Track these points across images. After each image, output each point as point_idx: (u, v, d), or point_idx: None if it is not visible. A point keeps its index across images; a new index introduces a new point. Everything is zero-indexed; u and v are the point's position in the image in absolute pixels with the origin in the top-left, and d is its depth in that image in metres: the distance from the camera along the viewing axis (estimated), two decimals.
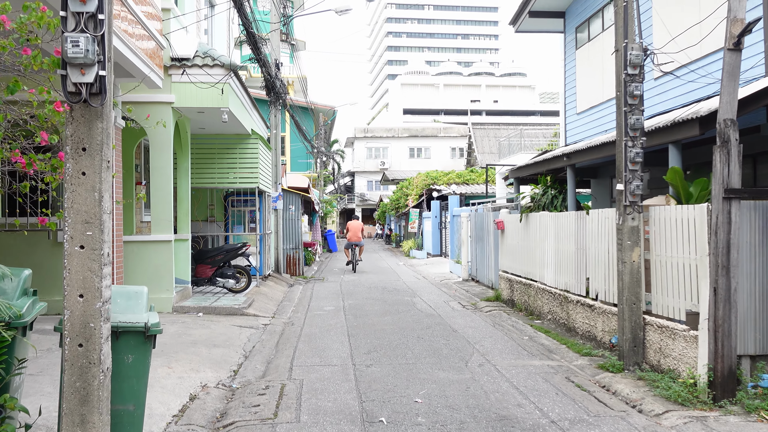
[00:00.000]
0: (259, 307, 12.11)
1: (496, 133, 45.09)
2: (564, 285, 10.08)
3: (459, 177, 32.45)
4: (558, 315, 10.30)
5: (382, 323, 10.91)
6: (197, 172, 14.56)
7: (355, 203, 63.76)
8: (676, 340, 6.80)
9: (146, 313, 4.11)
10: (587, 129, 13.43)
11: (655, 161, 9.15)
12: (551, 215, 10.76)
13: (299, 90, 41.96)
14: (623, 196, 7.44)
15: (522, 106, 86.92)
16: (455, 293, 15.49)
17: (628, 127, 7.36)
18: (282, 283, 17.06)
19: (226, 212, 16.73)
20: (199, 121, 12.75)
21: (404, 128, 62.91)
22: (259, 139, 14.87)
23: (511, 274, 13.05)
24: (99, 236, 3.47)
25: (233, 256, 13.22)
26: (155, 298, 10.86)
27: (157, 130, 11.05)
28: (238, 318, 10.83)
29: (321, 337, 9.65)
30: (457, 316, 11.81)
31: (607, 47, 12.56)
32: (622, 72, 7.44)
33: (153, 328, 4.00)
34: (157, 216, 11.10)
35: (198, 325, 9.64)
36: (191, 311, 11.02)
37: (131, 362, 3.91)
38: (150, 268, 10.95)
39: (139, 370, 3.97)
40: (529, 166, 13.17)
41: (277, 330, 10.30)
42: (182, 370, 7.02)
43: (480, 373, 7.38)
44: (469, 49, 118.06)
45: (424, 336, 9.68)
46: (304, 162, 39.18)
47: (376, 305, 13.25)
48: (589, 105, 13.40)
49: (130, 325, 3.94)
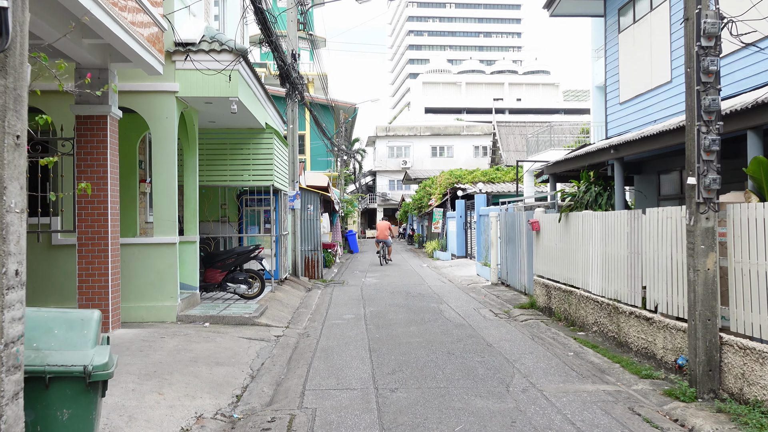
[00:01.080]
0: (272, 315, 11.08)
1: (521, 130, 43.74)
2: (613, 293, 8.89)
3: (484, 175, 31.18)
4: (606, 327, 9.12)
5: (407, 335, 9.81)
6: (207, 169, 13.58)
7: (377, 203, 62.72)
8: (766, 366, 5.61)
9: (93, 349, 3.05)
10: (633, 120, 12.20)
11: (723, 152, 7.94)
12: (596, 215, 9.58)
13: (319, 88, 41.10)
14: (695, 192, 6.26)
15: (546, 105, 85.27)
16: (485, 299, 14.34)
17: (702, 110, 6.18)
18: (299, 288, 16.04)
19: (239, 212, 15.74)
20: (208, 113, 11.76)
21: (426, 126, 61.73)
22: (274, 134, 13.85)
23: (548, 279, 11.88)
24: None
25: (245, 259, 12.21)
26: (158, 306, 9.90)
27: (160, 121, 10.09)
28: (248, 329, 9.80)
29: (339, 353, 8.57)
30: (490, 326, 10.68)
31: (656, 29, 11.34)
32: (693, 44, 6.26)
33: (98, 372, 2.93)
34: (160, 216, 10.11)
35: (202, 338, 8.61)
36: (197, 320, 10.01)
37: (67, 420, 2.84)
38: (152, 274, 9.97)
39: (80, 430, 2.90)
40: (568, 161, 11.99)
41: (291, 343, 9.25)
42: (175, 396, 5.98)
43: (525, 401, 6.25)
44: (491, 48, 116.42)
45: (455, 351, 8.56)
46: (324, 160, 38.25)
47: (400, 313, 12.15)
48: (635, 93, 12.16)
49: (63, 370, 2.87)
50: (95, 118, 8.69)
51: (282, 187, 15.43)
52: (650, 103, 11.44)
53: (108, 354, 3.08)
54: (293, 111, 17.48)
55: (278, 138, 14.44)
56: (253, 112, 12.03)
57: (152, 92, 10.02)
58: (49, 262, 9.72)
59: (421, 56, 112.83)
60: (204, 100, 10.60)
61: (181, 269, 11.13)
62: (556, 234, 11.40)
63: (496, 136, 43.41)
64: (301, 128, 39.04)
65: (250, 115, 12.04)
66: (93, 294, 8.62)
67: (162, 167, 10.13)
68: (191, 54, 9.97)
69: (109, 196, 8.74)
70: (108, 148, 8.73)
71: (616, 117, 12.95)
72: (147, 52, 8.51)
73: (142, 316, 9.90)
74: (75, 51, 8.09)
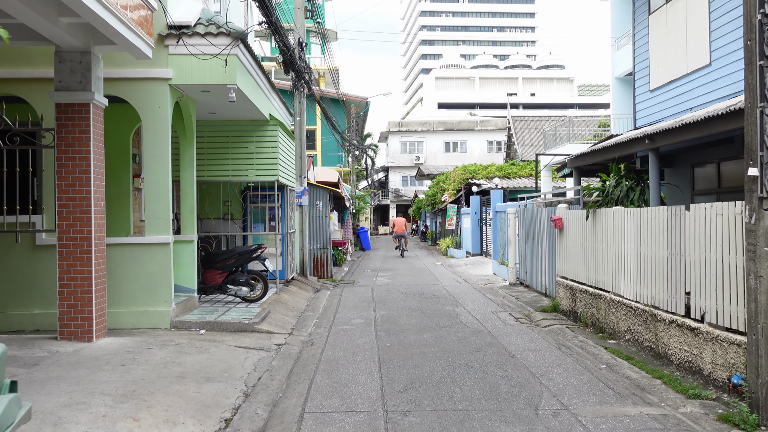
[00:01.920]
0: (274, 320, 10.27)
1: (537, 124, 42.80)
2: (650, 299, 7.99)
3: (499, 170, 30.20)
4: (641, 336, 8.22)
5: (420, 343, 8.97)
6: (208, 164, 12.79)
7: (390, 199, 61.87)
8: None
9: None
10: (665, 108, 11.25)
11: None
12: (630, 211, 8.68)
13: (330, 83, 40.31)
14: (758, 185, 5.36)
15: (560, 100, 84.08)
16: (503, 301, 13.46)
17: (766, 88, 5.28)
18: (306, 288, 15.24)
19: (243, 209, 14.95)
20: (206, 103, 10.96)
21: (439, 122, 60.77)
22: (279, 126, 13.03)
23: (573, 281, 10.99)
24: None
25: (247, 259, 11.41)
26: (150, 312, 9.14)
27: (152, 111, 9.31)
28: (247, 336, 8.99)
29: (345, 365, 7.74)
30: (511, 333, 9.81)
31: (693, 7, 10.39)
32: (756, 12, 5.36)
33: None
34: (152, 214, 9.33)
35: (194, 349, 7.81)
36: (193, 327, 9.23)
37: None
38: (143, 277, 9.21)
39: None
40: (594, 153, 11.07)
41: (293, 353, 8.43)
42: (153, 422, 5.18)
43: (558, 428, 5.39)
44: (505, 42, 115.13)
45: (474, 364, 7.70)
46: (335, 156, 37.46)
47: (413, 317, 11.31)
48: (667, 79, 11.21)
49: None
50: (77, 106, 7.90)
51: (288, 182, 14.62)
52: (685, 89, 10.49)
53: (5, 402, 2.27)
54: (300, 103, 16.65)
55: (284, 130, 13.62)
56: (255, 102, 11.22)
57: (143, 79, 9.23)
58: (33, 264, 8.98)
59: (434, 51, 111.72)
60: (200, 87, 9.78)
61: (178, 270, 10.37)
62: (582, 232, 10.52)
63: (511, 131, 42.49)
64: (312, 123, 38.29)
65: (251, 105, 11.24)
66: (75, 299, 7.85)
67: (154, 161, 9.35)
68: (185, 38, 9.16)
69: (93, 191, 7.95)
70: (91, 139, 7.94)
71: (646, 106, 12.00)
72: (134, 34, 7.72)
73: (132, 322, 9.14)
74: (53, 32, 7.30)
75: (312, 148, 38.60)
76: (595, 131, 29.05)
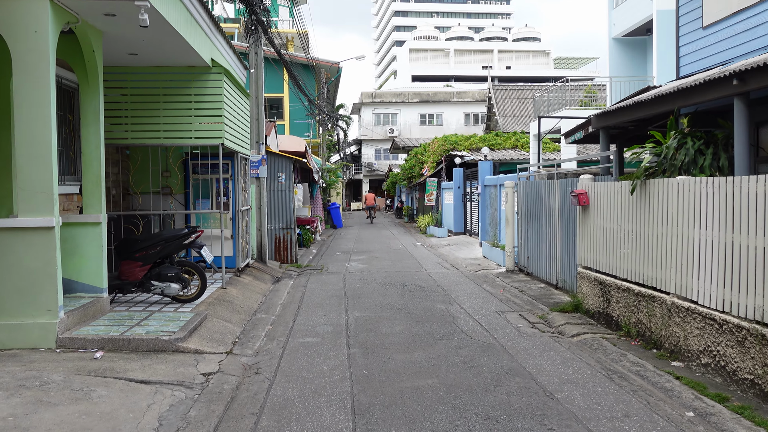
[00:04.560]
0: (210, 330, 7.54)
1: (519, 94, 40.30)
2: (753, 312, 5.44)
3: (483, 141, 27.52)
4: (733, 363, 5.68)
5: (411, 370, 6.33)
6: (133, 123, 9.89)
7: (363, 173, 59.09)
8: None
9: None
10: (727, 48, 8.64)
11: None
12: (713, 182, 6.10)
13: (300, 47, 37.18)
14: None
15: (536, 73, 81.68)
16: (505, 294, 10.90)
17: None
18: (264, 278, 12.50)
19: (186, 182, 12.09)
20: (118, 36, 8.06)
21: (414, 93, 57.98)
22: (225, 75, 10.15)
23: (604, 274, 8.45)
24: None
25: (177, 247, 8.63)
26: (26, 325, 6.42)
27: (24, 37, 6.47)
28: (164, 361, 6.25)
29: (301, 416, 5.07)
30: (533, 348, 7.23)
31: None
32: None
33: None
34: (28, 186, 6.51)
35: (68, 393, 5.06)
36: (87, 347, 6.48)
37: None
38: (16, 275, 6.44)
39: None
40: (631, 109, 8.41)
41: (226, 390, 5.70)
42: None
43: None
44: (480, 14, 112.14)
45: (497, 414, 5.07)
46: (304, 123, 34.47)
47: (397, 322, 8.68)
48: (731, 10, 8.58)
49: None
50: None
51: (241, 149, 11.78)
52: (760, 20, 7.88)
53: None
54: (257, 54, 13.74)
55: (232, 82, 10.75)
56: (187, 39, 8.38)
57: None
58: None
59: (407, 23, 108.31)
60: (101, 5, 6.90)
61: (81, 263, 7.62)
62: (621, 210, 7.94)
63: (492, 101, 39.82)
64: (279, 90, 35.23)
65: (183, 43, 8.40)
66: None
67: (30, 110, 6.49)
68: None
69: None
70: None
71: (696, 48, 9.36)
72: None
73: (1, 340, 6.37)
74: None
75: (280, 117, 35.59)
76: (582, 98, 26.74)
